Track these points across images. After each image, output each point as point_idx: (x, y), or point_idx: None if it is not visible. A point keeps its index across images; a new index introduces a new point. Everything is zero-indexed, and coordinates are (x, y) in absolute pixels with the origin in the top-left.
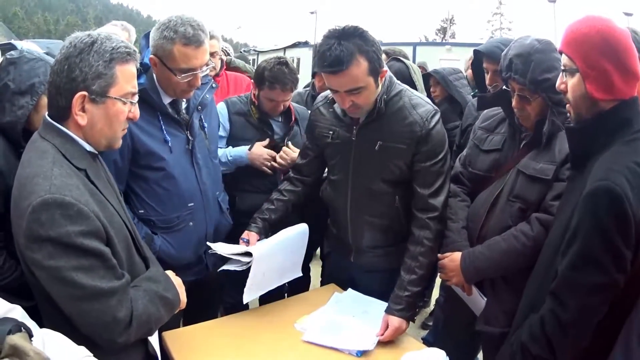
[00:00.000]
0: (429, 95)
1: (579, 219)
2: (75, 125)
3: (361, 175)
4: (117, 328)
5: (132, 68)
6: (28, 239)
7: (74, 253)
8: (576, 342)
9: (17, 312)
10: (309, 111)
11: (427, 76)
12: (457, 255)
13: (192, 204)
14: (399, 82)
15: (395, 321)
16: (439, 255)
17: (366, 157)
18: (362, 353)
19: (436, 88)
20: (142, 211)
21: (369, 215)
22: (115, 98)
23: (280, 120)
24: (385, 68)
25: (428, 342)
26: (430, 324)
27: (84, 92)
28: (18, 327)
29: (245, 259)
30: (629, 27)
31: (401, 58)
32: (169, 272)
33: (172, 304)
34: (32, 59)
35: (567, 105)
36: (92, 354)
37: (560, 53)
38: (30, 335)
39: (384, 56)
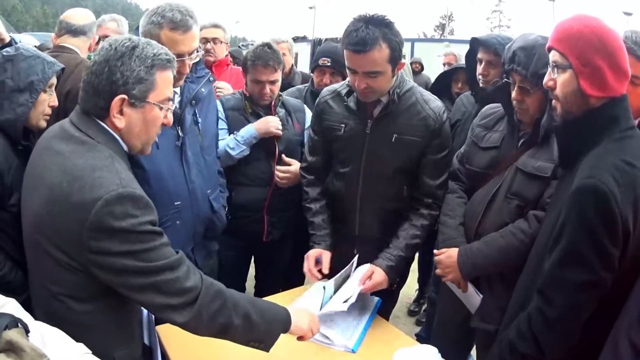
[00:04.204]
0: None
1: (566, 217)
2: (113, 127)
3: (374, 166)
4: (187, 295)
5: (170, 74)
6: (95, 230)
7: (145, 238)
8: (563, 339)
9: (12, 306)
10: (304, 105)
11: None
12: (454, 251)
13: (178, 202)
14: (408, 78)
15: (379, 276)
16: (435, 251)
17: (381, 149)
18: (358, 346)
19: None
20: None
21: (380, 204)
22: (154, 104)
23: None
24: (404, 61)
25: (421, 338)
26: (424, 320)
27: (124, 96)
28: (14, 322)
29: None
30: (629, 29)
31: None
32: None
33: (253, 323)
34: (29, 56)
35: (554, 102)
36: (90, 351)
37: (549, 50)
38: (27, 331)
39: None
